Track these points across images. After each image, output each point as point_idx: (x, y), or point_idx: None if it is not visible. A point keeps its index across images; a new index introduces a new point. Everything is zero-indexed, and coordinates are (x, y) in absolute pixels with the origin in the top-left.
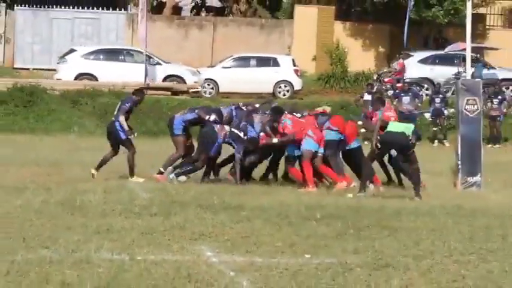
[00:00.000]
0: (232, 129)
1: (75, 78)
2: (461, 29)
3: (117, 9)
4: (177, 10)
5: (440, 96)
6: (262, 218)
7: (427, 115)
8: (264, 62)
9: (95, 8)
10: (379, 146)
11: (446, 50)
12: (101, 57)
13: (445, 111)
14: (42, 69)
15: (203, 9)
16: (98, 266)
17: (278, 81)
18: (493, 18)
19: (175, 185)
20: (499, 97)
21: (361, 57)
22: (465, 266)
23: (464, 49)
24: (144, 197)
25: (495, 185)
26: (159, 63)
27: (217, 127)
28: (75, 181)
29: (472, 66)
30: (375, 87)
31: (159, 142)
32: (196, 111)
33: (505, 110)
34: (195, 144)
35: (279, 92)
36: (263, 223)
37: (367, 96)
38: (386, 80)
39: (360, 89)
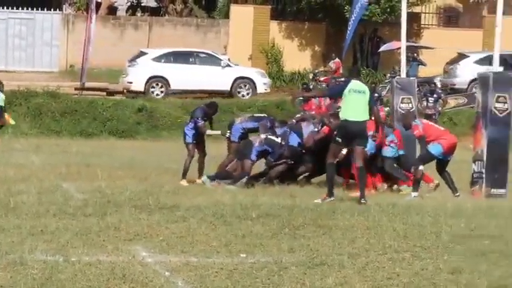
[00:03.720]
0: (269, 136)
1: (147, 82)
2: (396, 27)
3: (52, 9)
4: (112, 10)
5: (376, 95)
6: (197, 218)
7: None
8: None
9: (30, 8)
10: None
11: (381, 49)
12: (172, 59)
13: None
14: None
15: (138, 9)
16: (31, 268)
17: None
18: (428, 17)
19: (112, 186)
20: (435, 95)
21: (297, 57)
22: (400, 264)
23: (399, 48)
24: (78, 197)
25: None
26: (229, 66)
27: (253, 137)
28: (8, 182)
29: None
30: (311, 87)
31: (93, 143)
32: (258, 122)
33: (440, 109)
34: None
35: None
36: (198, 223)
37: (302, 97)
38: (322, 79)
39: (295, 88)
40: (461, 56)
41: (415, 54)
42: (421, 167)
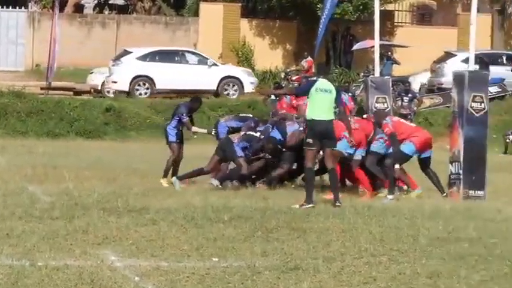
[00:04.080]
0: (248, 132)
1: (131, 82)
2: (369, 25)
3: (17, 7)
4: (79, 8)
5: (349, 94)
6: (168, 221)
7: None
8: None
9: None
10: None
11: (354, 47)
12: (157, 58)
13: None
14: None
15: (106, 7)
16: None
17: None
18: (401, 15)
19: (80, 187)
20: (409, 95)
21: (268, 55)
22: (376, 268)
23: (373, 47)
24: (45, 200)
25: None
26: (216, 65)
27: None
28: None
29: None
30: (283, 86)
31: (60, 144)
32: (243, 122)
33: (415, 108)
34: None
35: None
36: (169, 226)
37: (274, 96)
38: (294, 78)
39: (266, 87)
40: (449, 55)
41: (389, 53)
42: (396, 166)
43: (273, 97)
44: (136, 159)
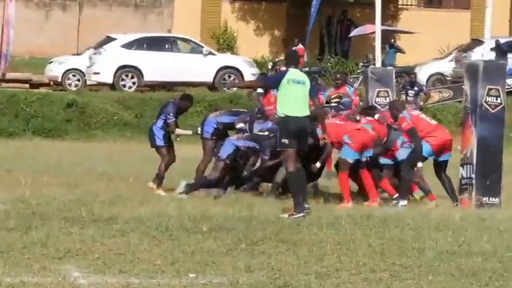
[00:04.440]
0: (255, 132)
1: (116, 73)
2: (369, 8)
3: None
4: None
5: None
6: (138, 232)
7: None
8: None
9: None
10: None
11: (352, 33)
12: (145, 46)
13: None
14: None
15: None
16: None
17: None
18: None
19: (38, 194)
20: (415, 88)
21: (253, 42)
22: (376, 285)
23: (373, 33)
24: None
25: None
26: (212, 54)
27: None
28: None
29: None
30: None
31: (15, 144)
32: (236, 116)
33: (422, 103)
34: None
35: None
36: (140, 237)
37: (261, 89)
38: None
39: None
40: (476, 42)
41: (392, 40)
42: (419, 165)
43: (260, 90)
44: (102, 162)
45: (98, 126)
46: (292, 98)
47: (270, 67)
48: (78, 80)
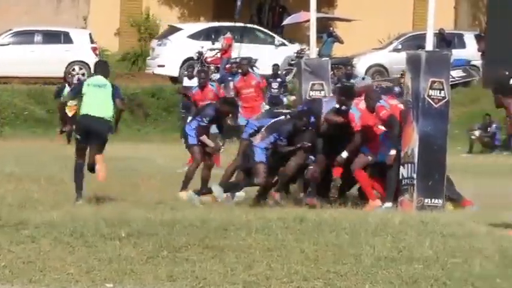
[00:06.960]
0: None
1: (183, 64)
2: None
3: None
4: None
5: (279, 80)
6: (50, 238)
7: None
8: (53, 37)
9: None
10: None
11: (285, 22)
12: (213, 36)
13: (284, 99)
14: None
15: None
16: None
17: (71, 62)
18: None
19: None
20: (278, 79)
21: None
22: None
23: (308, 21)
24: None
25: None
26: (284, 44)
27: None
28: None
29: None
30: (196, 70)
31: None
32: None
33: (284, 99)
34: None
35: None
36: (52, 244)
37: (187, 82)
38: (209, 60)
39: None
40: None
41: (331, 28)
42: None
43: (185, 83)
44: (11, 161)
45: (6, 122)
46: (91, 100)
47: (196, 58)
48: None
